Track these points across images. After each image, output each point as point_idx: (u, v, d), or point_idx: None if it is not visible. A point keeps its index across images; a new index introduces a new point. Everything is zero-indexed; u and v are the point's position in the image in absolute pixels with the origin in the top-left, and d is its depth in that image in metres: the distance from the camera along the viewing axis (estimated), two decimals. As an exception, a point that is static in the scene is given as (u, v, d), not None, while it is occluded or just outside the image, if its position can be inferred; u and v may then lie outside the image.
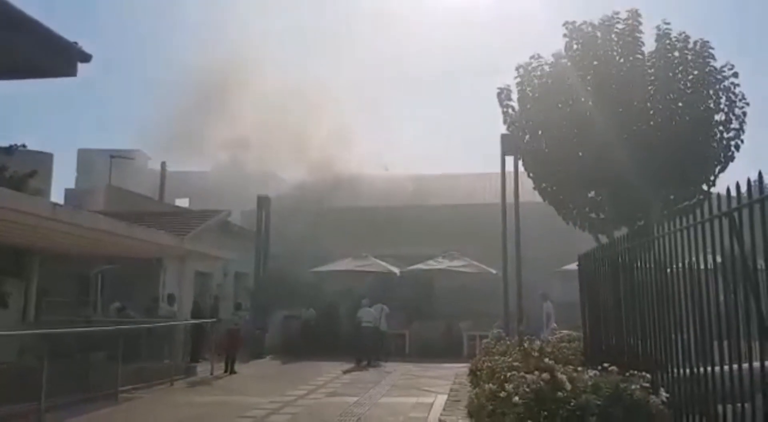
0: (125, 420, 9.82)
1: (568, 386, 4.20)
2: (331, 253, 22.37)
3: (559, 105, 9.87)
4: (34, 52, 6.12)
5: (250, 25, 52.02)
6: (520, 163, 11.72)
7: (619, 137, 9.40)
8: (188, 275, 18.25)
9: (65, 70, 6.51)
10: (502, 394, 4.41)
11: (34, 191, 16.11)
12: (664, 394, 4.80)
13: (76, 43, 6.55)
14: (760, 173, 4.30)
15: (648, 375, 5.06)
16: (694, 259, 5.04)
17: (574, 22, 10.06)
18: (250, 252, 21.85)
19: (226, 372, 15.53)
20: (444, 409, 8.58)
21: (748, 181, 4.55)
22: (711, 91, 9.60)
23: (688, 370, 4.90)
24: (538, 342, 9.27)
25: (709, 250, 4.80)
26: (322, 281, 22.40)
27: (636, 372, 5.12)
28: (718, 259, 4.68)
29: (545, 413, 3.90)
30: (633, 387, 4.69)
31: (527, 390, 4.22)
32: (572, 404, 4.35)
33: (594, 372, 5.08)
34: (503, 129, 11.36)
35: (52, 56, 6.38)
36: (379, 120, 49.47)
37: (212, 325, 16.35)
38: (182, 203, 32.15)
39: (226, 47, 46.82)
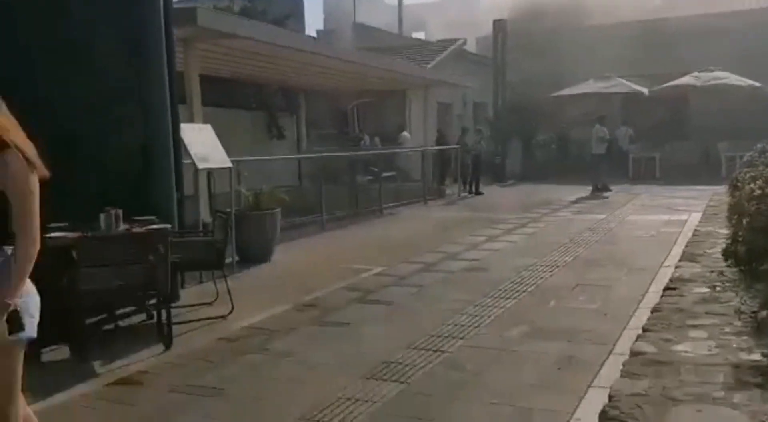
0: (390, 226, 11.23)
1: None
2: (572, 76, 21.43)
3: None
4: None
5: None
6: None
7: None
8: (431, 105, 19.08)
9: None
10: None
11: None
12: None
13: None
14: None
15: None
16: None
17: None
18: (488, 81, 21.90)
19: (470, 193, 16.53)
20: (700, 222, 8.35)
21: None
22: None
23: None
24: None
25: None
26: (562, 106, 21.81)
27: None
28: None
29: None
30: None
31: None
32: None
33: None
34: None
35: None
36: None
37: (456, 151, 17.20)
38: (419, 35, 32.64)
39: None
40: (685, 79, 19.38)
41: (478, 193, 16.62)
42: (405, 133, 17.51)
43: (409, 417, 3.59)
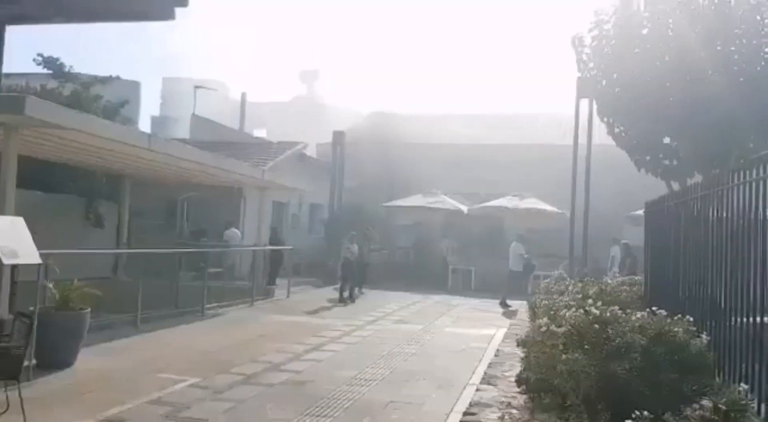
0: (211, 330, 10.86)
1: (597, 314, 4.47)
2: (404, 188, 22.95)
3: (637, 50, 9.71)
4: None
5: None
6: (595, 107, 11.67)
7: (700, 82, 9.20)
8: (266, 204, 19.18)
9: (163, 13, 6.98)
10: (552, 327, 4.81)
11: (124, 119, 17.23)
12: (705, 338, 5.06)
13: (173, -13, 6.98)
14: None
15: (692, 319, 5.31)
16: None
17: None
18: (325, 184, 22.65)
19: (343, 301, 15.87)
20: (503, 340, 9.11)
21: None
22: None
23: (735, 318, 5.11)
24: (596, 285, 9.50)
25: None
26: (392, 215, 23.06)
27: (684, 316, 5.37)
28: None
29: (587, 346, 4.23)
30: (676, 329, 4.99)
31: (570, 324, 4.58)
32: (617, 342, 4.71)
33: (642, 313, 5.39)
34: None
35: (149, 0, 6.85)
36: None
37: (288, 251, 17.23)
38: (260, 133, 33.17)
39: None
40: (499, 202, 21.50)
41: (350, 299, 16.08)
42: (232, 230, 17.24)
43: None
